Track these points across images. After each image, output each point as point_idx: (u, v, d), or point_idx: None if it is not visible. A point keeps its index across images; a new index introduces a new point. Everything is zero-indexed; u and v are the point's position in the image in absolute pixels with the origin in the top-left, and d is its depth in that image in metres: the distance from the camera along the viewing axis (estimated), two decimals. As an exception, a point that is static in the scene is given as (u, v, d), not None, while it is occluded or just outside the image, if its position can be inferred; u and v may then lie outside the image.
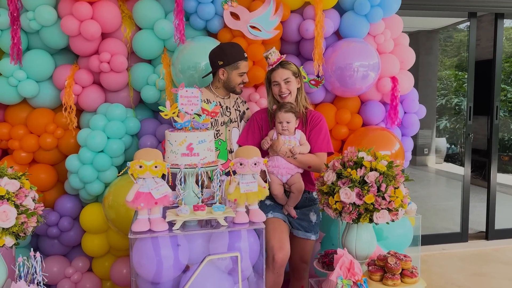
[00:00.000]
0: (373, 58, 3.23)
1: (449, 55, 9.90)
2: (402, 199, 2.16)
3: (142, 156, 1.82)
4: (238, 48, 2.69)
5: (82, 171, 3.00)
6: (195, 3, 3.05)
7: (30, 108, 3.23)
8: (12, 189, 1.85)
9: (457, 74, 9.41)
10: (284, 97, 2.59)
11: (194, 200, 2.00)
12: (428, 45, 8.74)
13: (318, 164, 2.57)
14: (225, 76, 2.67)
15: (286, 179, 2.56)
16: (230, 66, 2.64)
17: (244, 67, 2.67)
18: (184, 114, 2.06)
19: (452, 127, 9.37)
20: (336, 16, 3.30)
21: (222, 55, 2.64)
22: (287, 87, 2.58)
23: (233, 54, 2.63)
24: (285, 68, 2.59)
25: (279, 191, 2.56)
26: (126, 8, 3.20)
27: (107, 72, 3.07)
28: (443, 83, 9.75)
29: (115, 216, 2.92)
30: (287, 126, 2.53)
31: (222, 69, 2.66)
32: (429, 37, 8.68)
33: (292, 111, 2.54)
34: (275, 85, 2.61)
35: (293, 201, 2.59)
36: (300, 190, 2.57)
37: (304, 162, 2.54)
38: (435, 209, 5.98)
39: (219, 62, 2.64)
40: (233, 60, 2.62)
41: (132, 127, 3.14)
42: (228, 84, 2.68)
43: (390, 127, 3.46)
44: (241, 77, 2.67)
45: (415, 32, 8.65)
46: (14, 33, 2.98)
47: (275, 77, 2.59)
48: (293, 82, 2.60)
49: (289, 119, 2.53)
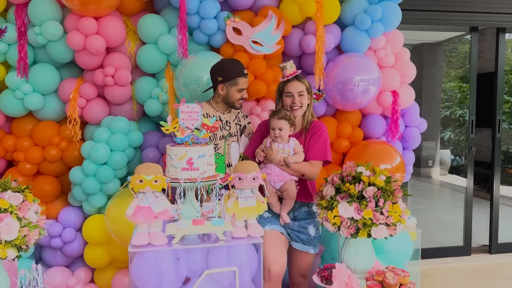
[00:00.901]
0: (373, 73, 3.26)
1: (454, 66, 9.93)
2: (400, 214, 2.18)
3: (143, 171, 1.86)
4: (237, 65, 2.74)
5: (86, 183, 3.04)
6: (198, 19, 3.10)
7: (36, 121, 3.29)
8: (15, 202, 1.89)
9: (461, 86, 9.42)
10: (295, 109, 2.63)
11: (193, 214, 2.03)
12: (432, 57, 8.77)
13: (312, 173, 2.59)
14: (224, 92, 2.71)
15: (279, 186, 2.58)
16: (229, 82, 2.68)
17: (242, 84, 2.70)
18: (184, 129, 2.10)
19: (457, 138, 9.36)
20: (337, 31, 3.35)
21: (222, 71, 2.69)
22: (300, 100, 2.63)
23: (232, 71, 2.68)
24: (300, 81, 2.65)
25: (273, 199, 2.58)
26: (131, 23, 3.26)
27: (111, 86, 3.12)
28: (448, 95, 9.77)
29: (117, 228, 2.95)
30: (279, 133, 2.54)
31: (221, 84, 2.70)
32: (432, 49, 8.72)
33: (285, 118, 2.55)
34: (288, 96, 2.64)
35: (286, 207, 2.60)
36: (292, 197, 2.58)
37: (298, 170, 2.56)
38: (439, 222, 5.95)
39: (219, 78, 2.69)
40: (232, 77, 2.67)
41: (135, 139, 3.19)
42: (227, 100, 2.72)
43: (391, 140, 3.48)
44: (240, 93, 2.71)
45: (419, 45, 8.70)
46: (21, 47, 3.06)
47: (289, 89, 2.63)
48: (305, 96, 2.65)
49: (282, 126, 2.54)
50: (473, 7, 4.31)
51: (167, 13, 3.24)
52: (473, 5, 4.31)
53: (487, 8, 4.33)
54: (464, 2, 4.28)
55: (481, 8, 4.33)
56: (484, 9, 4.33)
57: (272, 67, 3.26)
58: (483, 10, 4.34)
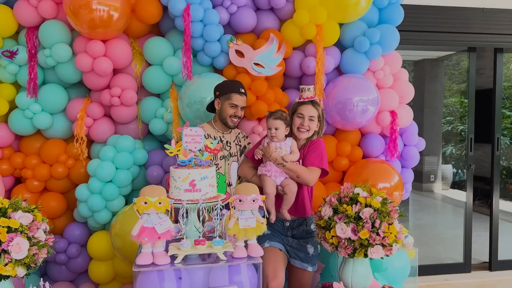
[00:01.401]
0: (372, 93, 3.35)
1: (456, 81, 10.01)
2: (396, 234, 2.24)
3: (148, 193, 1.94)
4: (236, 83, 2.87)
5: (91, 200, 3.13)
6: (202, 42, 3.21)
7: (44, 139, 3.39)
8: (25, 222, 1.97)
9: (463, 101, 9.49)
10: (301, 131, 2.70)
11: (195, 234, 2.10)
12: (433, 73, 8.86)
13: (307, 176, 2.63)
14: (219, 107, 2.82)
15: (280, 181, 2.65)
16: (224, 96, 2.79)
17: (235, 99, 2.78)
18: (188, 152, 2.18)
19: (458, 153, 9.39)
20: (336, 53, 3.45)
21: (220, 87, 2.84)
22: (309, 123, 2.70)
23: (228, 86, 2.82)
24: (314, 106, 2.72)
25: (272, 190, 2.62)
26: (137, 45, 3.38)
27: (118, 106, 3.23)
28: (449, 110, 9.83)
29: (121, 244, 3.02)
30: (275, 133, 2.65)
31: (217, 99, 2.82)
32: (434, 65, 8.81)
33: (281, 118, 2.66)
34: (299, 117, 2.72)
35: (287, 203, 2.65)
36: (293, 191, 2.64)
37: (293, 170, 2.62)
38: (440, 238, 5.98)
39: (216, 92, 2.83)
40: (227, 91, 2.78)
41: (140, 158, 3.28)
42: (221, 115, 2.82)
43: (389, 159, 3.55)
44: (232, 109, 2.79)
45: (420, 61, 8.80)
46: (31, 69, 3.17)
47: (302, 110, 2.71)
48: (315, 122, 2.72)
49: (277, 125, 2.65)
50: (471, 28, 4.41)
51: (172, 36, 3.35)
52: (470, 26, 4.40)
53: (484, 29, 4.43)
54: (462, 23, 4.38)
55: (478, 29, 4.42)
56: (481, 30, 4.43)
57: (273, 88, 3.36)
58: (480, 31, 4.43)
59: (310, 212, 2.77)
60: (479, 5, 4.38)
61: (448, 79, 9.75)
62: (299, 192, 2.69)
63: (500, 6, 4.41)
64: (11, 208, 2.00)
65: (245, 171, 2.82)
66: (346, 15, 3.35)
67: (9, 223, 1.91)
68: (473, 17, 4.38)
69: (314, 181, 2.70)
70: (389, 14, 3.50)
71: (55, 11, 3.16)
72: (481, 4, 4.38)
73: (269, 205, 2.60)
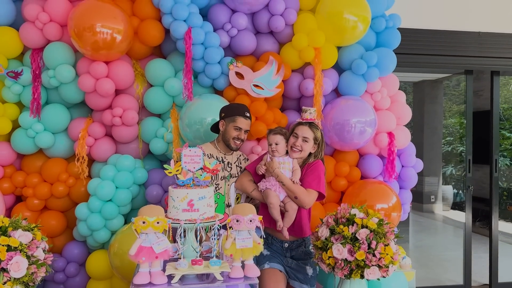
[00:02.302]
0: (369, 115, 3.40)
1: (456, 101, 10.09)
2: (392, 256, 2.26)
3: (146, 213, 1.97)
4: (241, 107, 2.92)
5: (91, 219, 3.15)
6: (203, 64, 3.28)
7: (45, 158, 3.43)
8: (25, 241, 2.00)
9: (462, 122, 9.55)
10: (294, 151, 2.73)
11: (192, 254, 2.12)
12: (433, 94, 8.94)
13: (305, 198, 2.63)
14: (223, 128, 2.87)
15: (283, 197, 2.67)
16: (229, 118, 2.85)
17: (240, 123, 2.83)
18: (186, 172, 2.22)
19: (459, 174, 9.40)
20: (334, 75, 3.51)
21: (226, 109, 2.91)
22: (301, 144, 2.72)
23: (234, 109, 2.88)
24: (310, 129, 2.74)
25: (276, 200, 2.64)
26: (139, 66, 3.45)
27: (119, 126, 3.27)
28: (449, 130, 9.88)
29: (120, 263, 3.02)
30: (276, 148, 2.71)
31: (222, 120, 2.88)
32: (433, 86, 8.91)
33: (280, 133, 2.73)
34: (293, 136, 2.76)
35: (288, 220, 2.66)
36: (294, 209, 2.66)
37: (292, 190, 2.63)
38: (440, 259, 5.94)
39: (222, 114, 2.89)
40: (232, 114, 2.84)
41: (140, 177, 3.31)
42: (224, 136, 2.86)
43: (387, 180, 3.57)
44: (236, 131, 2.84)
45: (420, 82, 8.90)
46: (35, 89, 3.24)
47: (297, 130, 2.75)
48: (309, 144, 2.74)
49: (277, 140, 2.71)
50: (468, 51, 4.49)
51: (173, 58, 3.43)
52: (467, 49, 4.49)
53: (481, 52, 4.51)
54: (458, 47, 4.47)
55: (475, 53, 4.50)
56: (478, 53, 4.51)
57: (272, 109, 3.41)
58: (477, 54, 4.51)
59: (309, 233, 2.78)
60: (475, 29, 4.47)
61: (448, 99, 9.83)
62: (298, 212, 2.71)
63: (495, 30, 4.50)
64: (11, 227, 2.03)
65: (245, 185, 2.82)
66: (344, 39, 3.43)
67: (8, 242, 1.93)
68: (470, 41, 4.47)
69: (310, 204, 2.70)
70: (386, 38, 3.59)
71: (59, 34, 3.24)
72: (477, 28, 4.47)
73: (275, 214, 2.64)
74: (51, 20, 3.20)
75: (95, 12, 3.06)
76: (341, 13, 3.30)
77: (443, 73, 6.48)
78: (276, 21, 3.35)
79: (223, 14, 3.35)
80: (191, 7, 3.22)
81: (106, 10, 3.10)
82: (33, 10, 3.16)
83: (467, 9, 4.48)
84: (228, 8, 3.37)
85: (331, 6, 3.36)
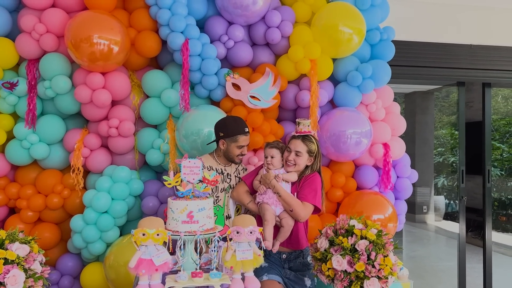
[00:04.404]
0: (365, 126, 3.43)
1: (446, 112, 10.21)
2: (392, 267, 2.26)
3: (146, 225, 1.95)
4: (239, 123, 2.84)
5: (86, 231, 3.11)
6: (199, 75, 3.29)
7: (40, 169, 3.40)
8: (22, 254, 1.97)
9: (453, 133, 9.66)
10: (287, 165, 2.72)
11: (192, 266, 2.10)
12: (424, 105, 9.04)
13: (300, 211, 2.61)
14: (225, 147, 2.83)
15: (279, 212, 2.65)
16: (230, 138, 2.80)
17: (242, 141, 2.82)
18: (186, 183, 2.21)
19: (450, 184, 9.48)
20: (330, 87, 3.55)
21: (224, 128, 2.82)
22: (294, 158, 2.70)
23: (233, 128, 2.80)
24: (304, 142, 2.70)
25: (272, 218, 2.62)
26: (136, 77, 3.45)
27: (115, 137, 3.26)
28: (440, 141, 9.99)
29: (115, 276, 2.99)
30: (271, 161, 2.70)
31: (222, 140, 2.83)
32: (424, 97, 9.01)
33: (276, 147, 2.72)
34: (287, 151, 2.75)
35: (282, 236, 2.65)
36: (290, 225, 2.65)
37: (288, 202, 2.61)
38: (434, 269, 5.96)
39: (221, 133, 2.82)
40: (233, 134, 2.79)
41: (136, 188, 3.29)
42: (227, 154, 2.85)
43: (383, 191, 3.59)
44: (239, 149, 2.83)
45: (411, 93, 9.00)
46: (31, 100, 3.22)
47: (290, 144, 2.73)
48: (303, 157, 2.71)
49: (273, 154, 2.71)
50: (460, 63, 4.57)
51: (170, 69, 3.44)
52: (459, 61, 4.56)
53: (472, 64, 4.59)
54: (451, 59, 4.54)
55: (467, 65, 4.58)
56: (470, 66, 4.59)
57: (269, 120, 3.43)
58: (469, 66, 4.59)
59: (306, 244, 2.77)
60: (467, 42, 4.55)
61: (439, 111, 9.95)
62: (294, 224, 2.69)
63: (487, 43, 4.59)
64: (8, 239, 2.00)
65: (241, 196, 2.79)
66: (339, 51, 3.47)
67: (6, 255, 1.90)
68: (462, 53, 4.55)
69: (306, 218, 2.68)
70: (380, 50, 3.64)
71: (56, 44, 3.24)
72: (469, 41, 4.55)
73: (267, 232, 2.58)
74: (48, 31, 3.19)
75: (92, 23, 3.06)
76: (337, 26, 3.35)
77: (435, 85, 6.56)
78: (272, 33, 3.38)
79: (220, 26, 3.37)
80: (188, 19, 3.25)
81: (103, 21, 3.11)
82: (30, 21, 3.15)
83: (458, 22, 4.56)
84: (225, 20, 3.40)
85: (327, 19, 3.40)
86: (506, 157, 8.88)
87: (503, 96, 9.61)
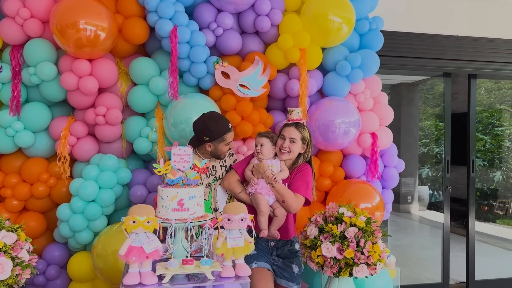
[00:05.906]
0: (353, 116, 3.45)
1: (431, 104, 10.33)
2: (380, 254, 2.29)
3: (136, 212, 1.94)
4: (220, 121, 2.71)
5: (73, 220, 3.07)
6: (188, 63, 3.26)
7: (25, 157, 3.33)
8: (9, 242, 1.94)
9: (438, 124, 9.79)
10: (282, 153, 2.72)
11: (183, 253, 2.10)
12: (409, 97, 9.14)
13: (292, 202, 2.62)
14: (212, 148, 2.72)
15: (272, 202, 2.66)
16: (217, 140, 2.69)
17: (229, 138, 2.74)
18: (176, 171, 2.19)
19: (434, 175, 9.63)
20: (319, 76, 3.55)
21: (207, 132, 2.66)
22: (289, 145, 2.72)
23: (217, 130, 2.67)
24: (297, 129, 2.73)
25: (267, 209, 2.62)
26: (123, 65, 3.40)
27: (102, 125, 3.21)
28: (425, 132, 10.11)
29: (103, 265, 2.97)
30: (260, 149, 2.70)
31: (209, 143, 2.70)
32: (410, 89, 9.10)
33: (266, 136, 2.73)
34: (281, 138, 2.76)
35: (276, 224, 2.65)
36: (283, 214, 2.65)
37: (281, 193, 2.62)
38: (418, 258, 6.07)
39: (205, 138, 2.66)
40: (219, 135, 2.68)
41: (123, 177, 3.25)
42: (215, 154, 2.75)
43: (370, 180, 3.63)
44: (227, 146, 2.76)
45: (397, 85, 9.08)
46: (15, 86, 3.15)
47: (284, 132, 2.75)
48: (297, 144, 2.73)
49: (262, 142, 2.71)
50: (446, 54, 4.61)
51: (158, 56, 3.39)
52: (446, 52, 4.61)
53: (459, 55, 4.64)
54: (437, 50, 4.58)
55: (453, 56, 4.63)
56: (456, 57, 4.63)
57: (258, 109, 3.41)
58: (455, 57, 4.64)
59: (294, 234, 2.79)
60: (454, 33, 4.60)
61: (423, 102, 10.05)
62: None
63: (473, 34, 4.64)
64: (-6, 228, 1.96)
65: (232, 185, 2.75)
66: (329, 40, 3.47)
67: (-8, 243, 1.87)
68: (448, 44, 4.59)
69: (297, 209, 2.69)
70: (369, 39, 3.65)
71: (41, 30, 3.16)
72: (455, 32, 4.60)
73: (263, 222, 2.59)
74: (32, 16, 3.11)
75: (79, 8, 3.00)
76: (326, 15, 3.34)
77: (422, 75, 6.61)
78: (262, 22, 3.36)
79: (209, 13, 3.34)
80: (177, 6, 3.20)
81: (89, 6, 3.04)
82: (13, 5, 3.07)
83: (446, 13, 4.59)
84: (213, 8, 3.36)
85: (316, 8, 3.39)
86: (489, 148, 9.05)
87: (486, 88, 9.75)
